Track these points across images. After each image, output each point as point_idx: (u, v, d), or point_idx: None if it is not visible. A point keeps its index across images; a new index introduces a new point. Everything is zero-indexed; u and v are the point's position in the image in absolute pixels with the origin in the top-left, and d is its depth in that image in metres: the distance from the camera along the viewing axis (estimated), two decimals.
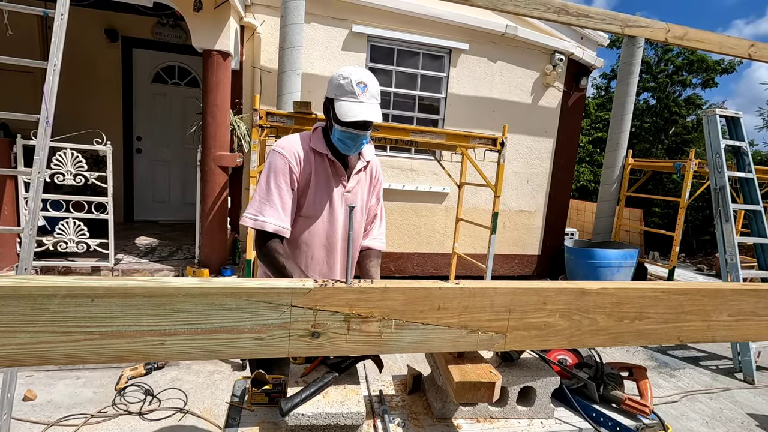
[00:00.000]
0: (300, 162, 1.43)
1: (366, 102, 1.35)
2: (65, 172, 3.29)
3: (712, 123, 4.16)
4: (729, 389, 3.48)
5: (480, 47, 5.00)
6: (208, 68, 3.42)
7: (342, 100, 1.35)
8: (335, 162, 1.48)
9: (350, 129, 1.38)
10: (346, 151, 1.46)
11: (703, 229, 10.23)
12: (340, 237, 1.55)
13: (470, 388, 1.20)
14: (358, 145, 1.44)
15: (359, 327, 1.05)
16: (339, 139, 1.42)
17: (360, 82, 1.34)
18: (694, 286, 1.24)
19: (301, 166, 1.44)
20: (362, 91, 1.34)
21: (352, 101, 1.34)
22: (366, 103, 1.35)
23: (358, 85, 1.34)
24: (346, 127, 1.38)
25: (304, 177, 1.45)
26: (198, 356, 0.98)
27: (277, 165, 1.41)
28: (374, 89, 1.38)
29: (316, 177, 1.46)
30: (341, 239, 1.56)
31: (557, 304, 1.17)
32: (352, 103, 1.34)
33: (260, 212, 1.39)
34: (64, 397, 2.64)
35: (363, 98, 1.35)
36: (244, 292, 0.96)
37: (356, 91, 1.34)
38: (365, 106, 1.35)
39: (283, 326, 0.99)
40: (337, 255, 1.57)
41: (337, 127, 1.40)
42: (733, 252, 3.93)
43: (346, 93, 1.34)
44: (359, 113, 1.33)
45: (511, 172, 5.33)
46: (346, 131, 1.39)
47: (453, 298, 1.09)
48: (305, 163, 1.45)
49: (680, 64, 12.06)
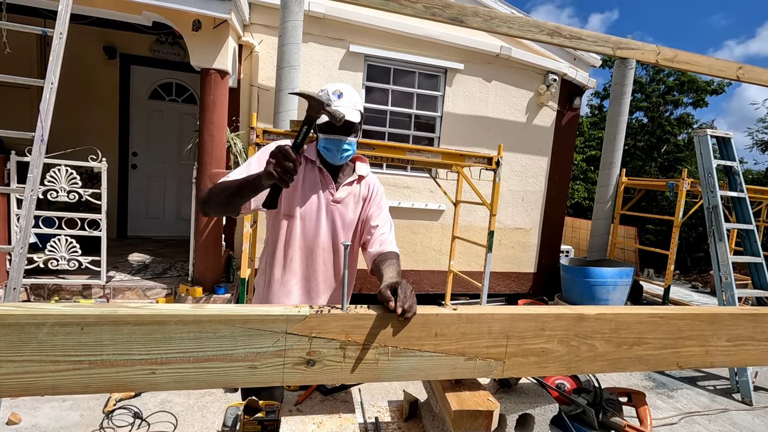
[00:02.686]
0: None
1: (341, 107, 1.40)
2: (59, 188, 3.27)
3: (704, 143, 4.23)
4: (727, 410, 3.45)
5: (475, 67, 5.08)
6: (206, 86, 3.44)
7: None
8: (323, 170, 1.52)
9: (329, 134, 1.44)
10: (332, 159, 1.49)
11: (696, 246, 10.28)
12: (321, 244, 1.53)
13: (468, 417, 1.18)
14: (342, 151, 1.47)
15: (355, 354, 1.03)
16: (323, 147, 1.47)
17: (335, 91, 1.42)
18: (692, 311, 1.23)
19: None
20: (337, 98, 1.41)
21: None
22: (341, 107, 1.39)
23: (334, 93, 1.42)
24: (324, 132, 1.44)
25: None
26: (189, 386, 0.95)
27: (266, 150, 1.46)
28: (351, 97, 1.44)
29: (303, 180, 1.50)
30: (322, 247, 1.53)
31: (555, 330, 1.15)
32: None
33: (228, 175, 1.42)
34: (50, 420, 2.57)
35: (338, 104, 1.40)
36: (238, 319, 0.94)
37: (332, 99, 1.41)
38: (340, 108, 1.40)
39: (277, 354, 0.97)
40: (318, 263, 1.54)
41: (320, 135, 1.47)
42: (727, 271, 3.94)
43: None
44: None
45: (507, 189, 5.36)
46: (327, 137, 1.45)
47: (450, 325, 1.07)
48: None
49: (672, 84, 12.31)
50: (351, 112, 1.41)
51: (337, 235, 1.56)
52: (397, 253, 1.46)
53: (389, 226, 1.58)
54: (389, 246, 1.49)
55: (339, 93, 1.42)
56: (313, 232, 1.51)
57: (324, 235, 1.53)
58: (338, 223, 1.54)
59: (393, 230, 1.60)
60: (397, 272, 1.27)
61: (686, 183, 4.77)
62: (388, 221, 1.59)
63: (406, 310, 0.93)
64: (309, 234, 1.51)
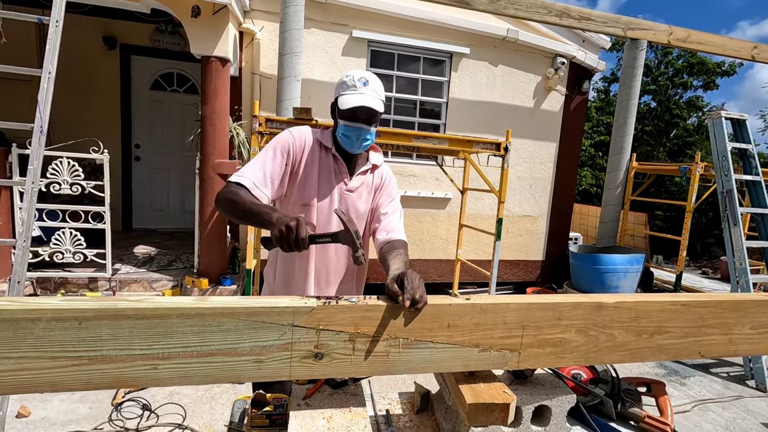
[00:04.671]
0: (305, 147, 1.44)
1: (367, 94, 1.38)
2: (61, 181, 3.23)
3: (718, 126, 4.11)
4: (741, 397, 3.40)
5: (481, 51, 4.96)
6: (207, 75, 3.37)
7: (344, 94, 1.38)
8: (338, 158, 1.47)
9: (352, 122, 1.39)
10: (350, 147, 1.44)
11: (706, 232, 10.15)
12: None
13: (483, 410, 1.13)
14: (361, 140, 1.43)
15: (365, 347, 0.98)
16: (342, 134, 1.42)
17: (361, 78, 1.39)
18: (715, 299, 1.17)
19: (304, 150, 1.44)
20: (363, 85, 1.38)
21: (353, 93, 1.37)
22: (366, 95, 1.37)
23: (359, 80, 1.38)
24: (347, 119, 1.39)
25: (306, 163, 1.44)
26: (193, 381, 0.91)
27: (282, 139, 1.43)
28: (376, 85, 1.41)
29: (319, 168, 1.45)
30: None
31: (573, 320, 1.10)
32: (353, 95, 1.37)
33: (245, 171, 1.34)
34: (60, 413, 2.57)
35: (363, 90, 1.37)
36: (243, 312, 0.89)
37: (357, 85, 1.37)
38: (365, 96, 1.37)
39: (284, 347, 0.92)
40: (330, 254, 1.51)
41: (340, 122, 1.41)
42: (741, 256, 3.85)
43: (348, 88, 1.39)
44: (358, 100, 1.36)
45: (514, 176, 5.27)
46: (348, 124, 1.39)
47: (463, 315, 1.02)
48: (311, 151, 1.45)
49: (680, 67, 12.04)
50: (376, 101, 1.39)
51: (357, 223, 1.52)
52: (404, 242, 1.40)
53: (398, 214, 1.55)
54: (396, 234, 1.43)
55: (365, 80, 1.39)
56: (325, 222, 1.47)
57: (337, 224, 1.48)
58: (351, 213, 1.50)
59: (402, 218, 1.56)
60: (404, 262, 1.21)
61: (699, 167, 4.66)
62: (398, 210, 1.56)
63: (416, 300, 0.88)
64: (322, 224, 1.47)
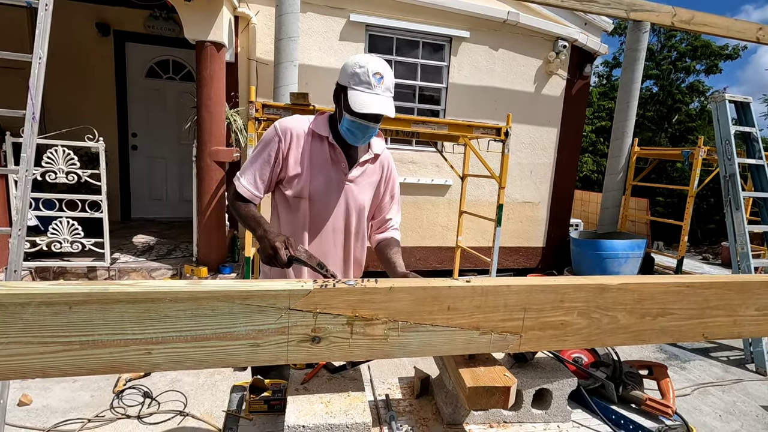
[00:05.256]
0: (290, 139, 1.41)
1: (381, 94, 1.32)
2: (57, 170, 3.20)
3: (721, 109, 4.05)
4: (741, 381, 3.41)
5: (481, 35, 4.87)
6: (202, 60, 3.31)
7: (356, 90, 1.31)
8: (336, 147, 1.42)
9: (361, 120, 1.34)
10: (353, 142, 1.41)
11: (708, 217, 10.12)
12: (332, 226, 1.47)
13: (484, 394, 1.12)
14: (367, 137, 1.40)
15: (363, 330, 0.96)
16: (348, 129, 1.37)
17: (377, 73, 1.31)
18: (720, 280, 1.15)
19: (290, 143, 1.41)
20: (378, 82, 1.31)
21: (366, 92, 1.30)
22: (381, 95, 1.32)
23: (375, 76, 1.30)
24: (357, 117, 1.33)
25: (295, 157, 1.41)
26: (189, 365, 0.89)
27: (267, 137, 1.42)
28: (389, 81, 1.35)
29: (311, 159, 1.41)
30: (334, 229, 1.47)
31: (575, 302, 1.08)
32: (366, 95, 1.30)
33: (242, 174, 1.45)
34: (61, 401, 2.57)
35: (378, 90, 1.31)
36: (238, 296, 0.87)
37: (372, 82, 1.30)
38: (380, 98, 1.31)
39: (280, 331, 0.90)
40: (329, 246, 1.49)
41: (347, 117, 1.35)
42: (743, 241, 3.83)
43: (362, 83, 1.31)
44: (372, 105, 1.30)
45: (515, 163, 5.22)
46: (356, 122, 1.34)
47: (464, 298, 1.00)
48: (297, 142, 1.41)
49: (683, 51, 11.88)
50: (390, 105, 1.33)
51: (350, 216, 1.48)
52: (398, 240, 1.58)
53: (398, 208, 1.63)
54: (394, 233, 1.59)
55: (380, 76, 1.31)
56: (323, 213, 1.44)
57: (335, 216, 1.46)
58: (351, 204, 1.47)
59: (400, 210, 1.66)
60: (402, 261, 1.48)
61: (702, 151, 4.61)
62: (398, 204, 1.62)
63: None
64: (319, 215, 1.44)
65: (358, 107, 1.29)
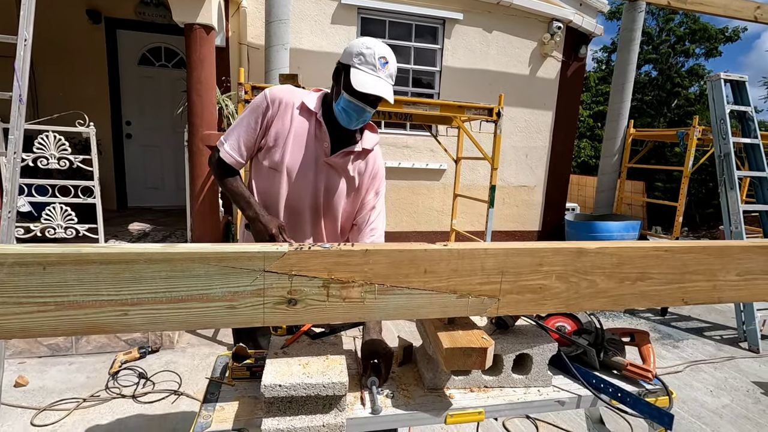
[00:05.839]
0: (279, 108, 1.39)
1: (383, 79, 1.30)
2: (48, 155, 3.19)
3: (717, 88, 4.02)
4: (734, 358, 3.43)
5: (475, 17, 4.82)
6: (191, 44, 3.28)
7: (360, 69, 1.30)
8: (322, 125, 1.39)
9: (359, 101, 1.32)
10: (346, 123, 1.38)
11: (706, 202, 10.11)
12: (309, 204, 1.44)
13: (461, 355, 1.13)
14: (360, 121, 1.38)
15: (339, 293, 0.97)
16: (343, 108, 1.35)
17: (382, 57, 1.30)
18: (700, 244, 1.15)
19: (277, 112, 1.38)
20: (383, 66, 1.30)
21: (370, 73, 1.30)
22: (383, 79, 1.30)
23: (380, 60, 1.30)
24: (356, 97, 1.31)
25: (279, 126, 1.39)
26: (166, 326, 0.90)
27: (256, 102, 1.40)
28: (393, 69, 1.35)
29: (295, 132, 1.39)
30: (310, 207, 1.45)
31: (554, 266, 1.08)
32: (369, 75, 1.29)
33: (226, 139, 1.43)
34: (57, 382, 2.61)
35: (381, 74, 1.30)
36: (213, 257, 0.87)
37: (377, 65, 1.29)
38: (382, 82, 1.30)
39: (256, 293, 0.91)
40: (304, 224, 1.47)
41: (345, 96, 1.33)
42: (737, 220, 3.83)
43: (367, 63, 1.30)
44: (374, 87, 1.28)
45: (510, 146, 5.21)
46: (354, 102, 1.32)
47: (440, 261, 1.00)
48: (285, 113, 1.39)
49: (682, 34, 11.75)
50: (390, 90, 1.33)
51: (329, 198, 1.46)
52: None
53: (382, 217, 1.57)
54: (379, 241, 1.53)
55: (385, 61, 1.31)
56: (299, 190, 1.41)
57: (312, 195, 1.43)
58: (325, 185, 1.44)
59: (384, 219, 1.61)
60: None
61: (697, 131, 4.59)
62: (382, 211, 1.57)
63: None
64: (295, 191, 1.41)
65: (359, 86, 1.27)
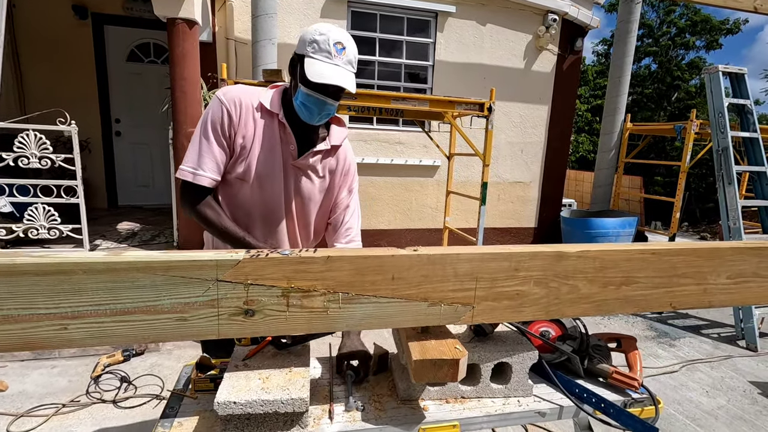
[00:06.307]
0: (240, 112, 1.26)
1: (341, 66, 1.19)
2: (29, 155, 3.13)
3: (715, 81, 3.93)
4: (731, 357, 3.37)
5: (468, 10, 4.72)
6: (174, 38, 3.20)
7: (314, 58, 1.18)
8: (286, 126, 1.29)
9: (318, 93, 1.21)
10: (308, 119, 1.27)
11: (706, 197, 10.01)
12: (283, 211, 1.36)
13: (431, 367, 1.06)
14: (323, 115, 1.27)
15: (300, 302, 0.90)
16: (302, 103, 1.24)
17: (338, 43, 1.18)
18: (689, 246, 1.08)
19: (241, 117, 1.26)
20: (339, 52, 1.18)
21: (325, 61, 1.18)
22: (341, 67, 1.19)
23: (335, 46, 1.18)
24: (313, 90, 1.20)
25: (243, 133, 1.27)
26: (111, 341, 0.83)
27: (214, 112, 1.24)
28: (352, 54, 1.22)
29: (259, 137, 1.28)
30: (285, 214, 1.37)
31: (531, 270, 1.01)
32: (325, 64, 1.17)
33: (200, 165, 1.24)
34: (38, 386, 2.55)
35: (338, 61, 1.18)
36: (159, 267, 0.80)
37: (332, 51, 1.17)
38: (340, 70, 1.18)
39: (209, 304, 0.84)
40: (281, 232, 1.38)
41: (302, 89, 1.21)
42: (736, 216, 3.75)
43: (321, 51, 1.18)
44: (332, 76, 1.16)
45: (505, 142, 5.12)
46: (313, 95, 1.21)
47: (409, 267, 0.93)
48: (247, 117, 1.27)
49: (683, 26, 11.60)
50: (351, 78, 1.21)
51: (302, 203, 1.38)
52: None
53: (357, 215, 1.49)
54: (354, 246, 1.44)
55: (341, 46, 1.18)
56: (271, 199, 1.33)
57: (285, 202, 1.35)
58: (296, 190, 1.35)
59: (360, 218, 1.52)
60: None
61: (695, 125, 4.50)
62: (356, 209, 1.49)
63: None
64: (266, 200, 1.32)
65: (314, 77, 1.15)
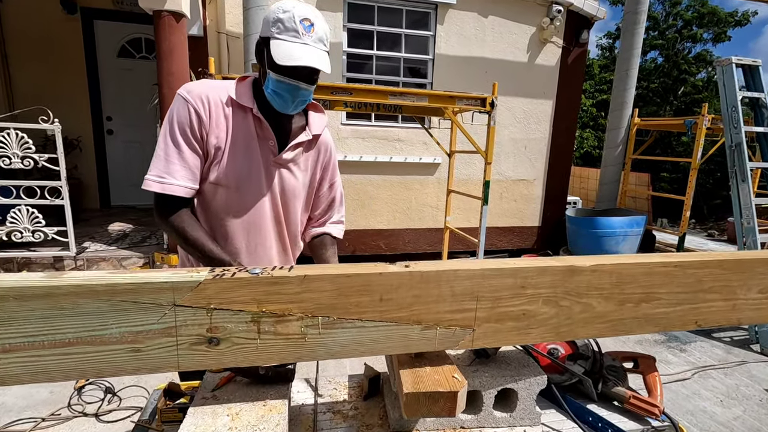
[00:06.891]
0: (210, 110, 1.12)
1: (311, 45, 1.06)
2: (11, 154, 3.00)
3: (728, 73, 3.76)
4: (745, 363, 3.22)
5: (469, 1, 4.55)
6: (160, 32, 3.05)
7: (280, 39, 1.05)
8: (262, 120, 1.15)
9: (288, 78, 1.08)
10: (282, 108, 1.14)
11: (714, 193, 9.83)
12: (269, 214, 1.24)
13: (425, 401, 0.92)
14: (298, 102, 1.14)
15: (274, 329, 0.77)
16: (274, 91, 1.11)
17: (305, 19, 1.06)
18: (715, 258, 0.93)
19: (211, 116, 1.12)
20: (307, 30, 1.06)
21: (293, 41, 1.05)
22: (311, 45, 1.06)
23: (303, 23, 1.05)
24: (283, 74, 1.07)
25: (216, 133, 1.13)
26: (54, 377, 0.70)
27: (180, 112, 1.10)
28: (322, 31, 1.08)
29: (233, 136, 1.14)
30: (271, 217, 1.24)
31: (540, 288, 0.87)
32: (293, 44, 1.05)
33: (168, 173, 1.11)
34: (18, 398, 2.43)
35: (307, 39, 1.06)
36: (104, 291, 0.66)
37: (299, 29, 1.05)
38: (309, 49, 1.06)
39: (166, 332, 0.71)
40: (268, 237, 1.26)
41: (272, 75, 1.09)
42: (749, 214, 3.59)
43: (286, 30, 1.05)
44: (301, 57, 1.04)
45: (508, 138, 4.96)
46: (284, 81, 1.08)
47: (399, 287, 0.79)
48: (218, 115, 1.13)
49: (690, 18, 11.36)
50: (323, 58, 1.08)
51: (288, 201, 1.26)
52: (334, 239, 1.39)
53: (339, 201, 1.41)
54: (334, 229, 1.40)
55: (309, 23, 1.06)
56: (254, 201, 1.21)
57: (270, 204, 1.23)
58: (281, 189, 1.23)
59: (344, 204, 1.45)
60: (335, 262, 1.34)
61: (706, 120, 4.33)
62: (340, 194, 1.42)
63: None
64: (249, 204, 1.20)
65: (282, 59, 1.03)
